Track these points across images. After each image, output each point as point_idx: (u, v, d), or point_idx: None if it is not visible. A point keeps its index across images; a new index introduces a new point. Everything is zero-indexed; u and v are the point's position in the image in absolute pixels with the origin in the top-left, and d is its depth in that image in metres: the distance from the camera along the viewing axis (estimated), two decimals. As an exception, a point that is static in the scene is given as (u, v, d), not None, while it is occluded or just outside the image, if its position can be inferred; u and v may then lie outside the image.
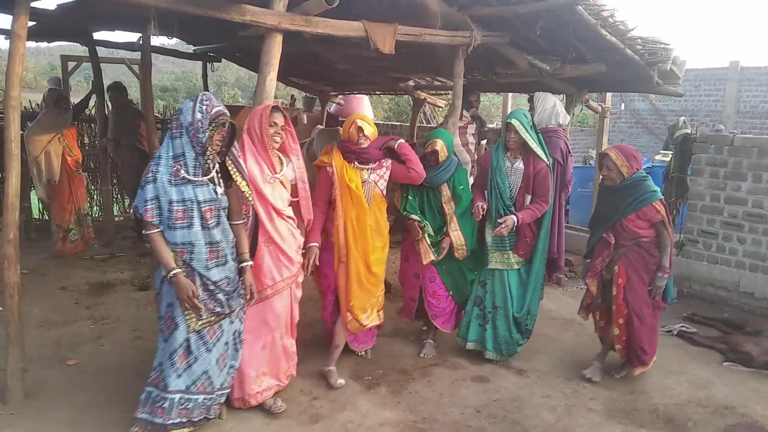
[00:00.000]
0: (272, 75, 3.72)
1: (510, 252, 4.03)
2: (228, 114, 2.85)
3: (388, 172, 3.81)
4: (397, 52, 4.67)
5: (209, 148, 2.83)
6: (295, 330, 3.52)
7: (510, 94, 7.30)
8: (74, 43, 7.46)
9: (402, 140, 3.93)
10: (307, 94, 8.90)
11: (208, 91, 8.35)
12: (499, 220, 3.88)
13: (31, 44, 7.39)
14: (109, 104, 6.92)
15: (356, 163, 3.71)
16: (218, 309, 2.93)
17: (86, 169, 8.02)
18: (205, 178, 2.86)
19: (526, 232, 4.01)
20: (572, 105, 5.68)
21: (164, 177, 2.77)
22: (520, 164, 4.01)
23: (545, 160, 3.97)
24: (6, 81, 3.16)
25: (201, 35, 6.33)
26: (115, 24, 5.67)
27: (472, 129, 5.33)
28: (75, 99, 7.32)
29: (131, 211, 7.32)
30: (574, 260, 6.05)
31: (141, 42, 5.41)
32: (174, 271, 2.78)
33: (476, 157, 5.40)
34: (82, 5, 4.63)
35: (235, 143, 3.01)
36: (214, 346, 2.97)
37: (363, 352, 4.11)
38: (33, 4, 5.16)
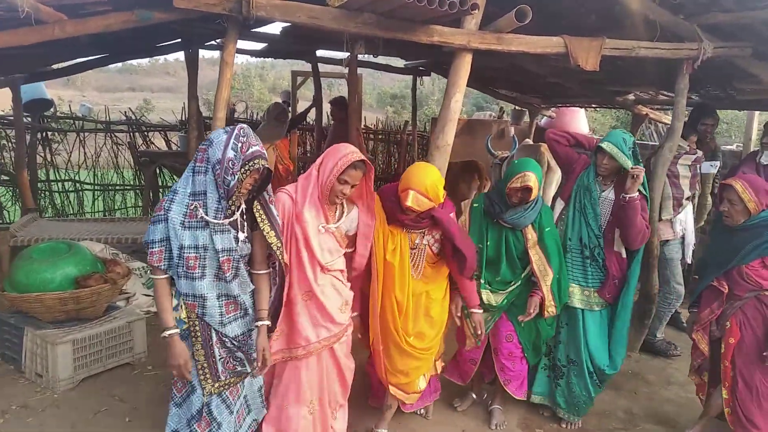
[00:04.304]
0: (458, 96, 3.56)
1: (592, 290, 3.38)
2: (266, 156, 2.35)
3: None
4: (612, 65, 4.19)
5: (236, 193, 2.33)
6: (341, 401, 2.96)
7: (756, 112, 6.12)
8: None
9: (452, 214, 3.11)
10: (516, 107, 8.55)
11: (416, 105, 8.54)
12: (632, 169, 3.21)
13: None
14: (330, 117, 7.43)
15: (404, 228, 2.99)
16: (239, 368, 2.48)
17: (305, 175, 8.76)
18: (226, 221, 2.36)
19: (615, 271, 3.36)
20: None
21: (177, 217, 2.29)
22: (610, 194, 3.37)
23: (643, 191, 3.29)
24: (215, 104, 3.47)
25: (408, 50, 6.41)
26: (327, 44, 6.03)
27: (688, 159, 4.46)
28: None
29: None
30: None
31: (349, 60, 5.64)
32: (170, 332, 2.33)
33: (686, 193, 4.48)
34: (295, 30, 4.97)
35: (268, 188, 2.51)
36: (234, 405, 2.54)
37: (422, 411, 3.48)
38: (263, 29, 5.85)
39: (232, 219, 2.38)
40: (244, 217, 2.44)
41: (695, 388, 3.46)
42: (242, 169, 2.28)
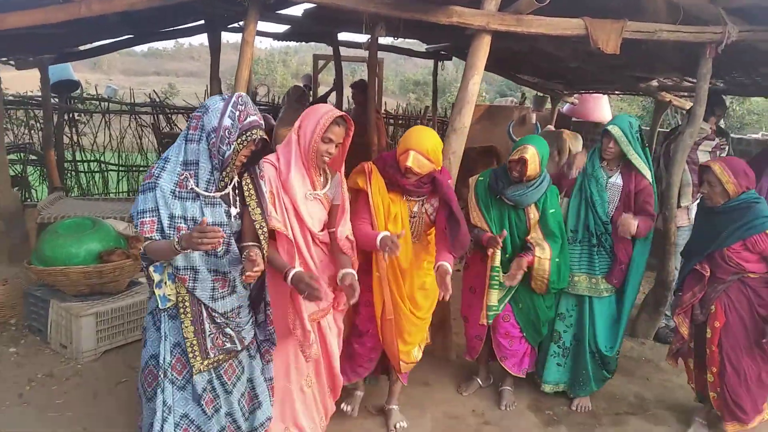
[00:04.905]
0: (476, 78, 3.57)
1: (600, 277, 3.36)
2: (263, 126, 2.22)
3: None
4: (635, 49, 4.13)
5: (231, 164, 2.20)
6: (334, 376, 2.87)
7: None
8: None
9: (450, 182, 3.05)
10: (538, 93, 8.48)
11: (436, 89, 8.51)
12: (620, 220, 3.23)
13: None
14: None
15: (403, 195, 2.91)
16: (228, 345, 2.32)
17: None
18: (218, 195, 2.23)
19: (622, 257, 3.34)
20: None
21: (167, 186, 2.15)
22: (617, 179, 3.34)
23: (649, 178, 3.28)
24: (235, 83, 3.52)
25: (429, 33, 6.40)
26: (348, 26, 6.03)
27: (708, 145, 4.39)
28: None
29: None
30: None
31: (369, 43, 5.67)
32: (176, 237, 2.09)
33: None
34: (317, 11, 5.01)
35: (260, 163, 2.40)
36: (234, 387, 2.39)
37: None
38: (285, 11, 5.89)
39: (223, 192, 2.25)
40: (236, 191, 2.32)
41: (686, 377, 3.45)
42: (239, 139, 2.15)
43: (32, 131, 8.05)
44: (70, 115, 8.23)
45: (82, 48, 6.36)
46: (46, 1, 3.06)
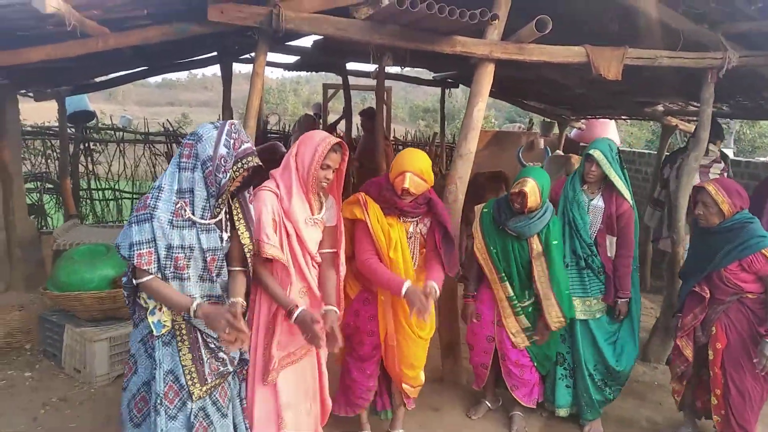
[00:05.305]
0: (481, 105, 3.66)
1: (592, 299, 3.39)
2: (256, 152, 2.27)
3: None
4: (638, 75, 4.20)
5: (226, 191, 2.23)
6: (324, 401, 2.87)
7: (789, 122, 6.04)
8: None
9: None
10: (545, 118, 8.56)
11: (444, 117, 8.63)
12: (616, 315, 3.39)
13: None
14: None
15: (400, 217, 2.94)
16: (222, 369, 2.35)
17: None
18: (212, 221, 2.26)
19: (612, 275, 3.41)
20: None
21: (164, 216, 2.14)
22: (599, 201, 3.39)
23: (629, 200, 3.32)
24: (246, 112, 3.62)
25: (435, 62, 6.53)
26: (356, 57, 6.19)
27: (717, 168, 4.43)
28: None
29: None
30: None
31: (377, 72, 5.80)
32: (196, 303, 2.15)
33: None
34: (325, 42, 5.14)
35: (251, 189, 2.44)
36: (228, 409, 2.41)
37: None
38: (295, 42, 6.05)
39: (217, 219, 2.29)
40: (227, 216, 2.36)
41: (672, 390, 3.45)
42: (235, 167, 2.19)
43: (49, 160, 8.23)
44: (86, 145, 8.41)
45: (97, 80, 6.55)
46: (64, 36, 3.18)
